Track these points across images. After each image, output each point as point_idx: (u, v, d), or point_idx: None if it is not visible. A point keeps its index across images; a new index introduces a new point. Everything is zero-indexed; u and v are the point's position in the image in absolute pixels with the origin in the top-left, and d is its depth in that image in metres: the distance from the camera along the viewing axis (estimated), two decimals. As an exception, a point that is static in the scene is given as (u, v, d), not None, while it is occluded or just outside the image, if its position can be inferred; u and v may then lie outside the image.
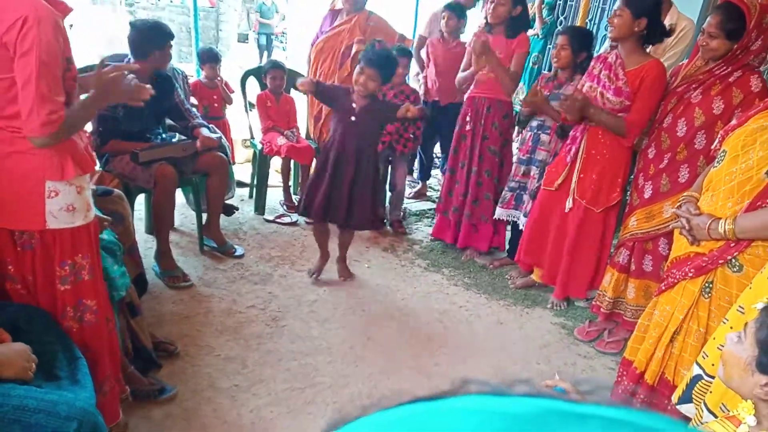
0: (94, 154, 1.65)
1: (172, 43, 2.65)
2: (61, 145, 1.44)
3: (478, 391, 0.27)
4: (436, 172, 4.57)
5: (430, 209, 4.00)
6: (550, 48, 4.87)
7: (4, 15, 1.31)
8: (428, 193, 4.33)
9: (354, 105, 2.57)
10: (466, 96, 3.19)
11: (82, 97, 1.56)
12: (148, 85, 1.66)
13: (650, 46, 2.43)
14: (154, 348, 2.14)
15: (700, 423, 1.41)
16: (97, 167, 2.54)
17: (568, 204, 2.57)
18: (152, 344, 2.14)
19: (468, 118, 3.13)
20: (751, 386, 1.07)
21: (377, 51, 2.52)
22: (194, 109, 3.10)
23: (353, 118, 2.56)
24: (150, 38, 2.53)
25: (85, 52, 1.50)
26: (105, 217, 1.88)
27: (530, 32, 4.35)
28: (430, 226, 3.63)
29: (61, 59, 1.40)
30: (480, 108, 3.07)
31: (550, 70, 3.92)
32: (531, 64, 4.99)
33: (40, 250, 1.49)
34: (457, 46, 3.66)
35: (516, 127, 3.28)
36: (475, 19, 3.99)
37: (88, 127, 1.88)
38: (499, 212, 3.10)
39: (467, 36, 3.47)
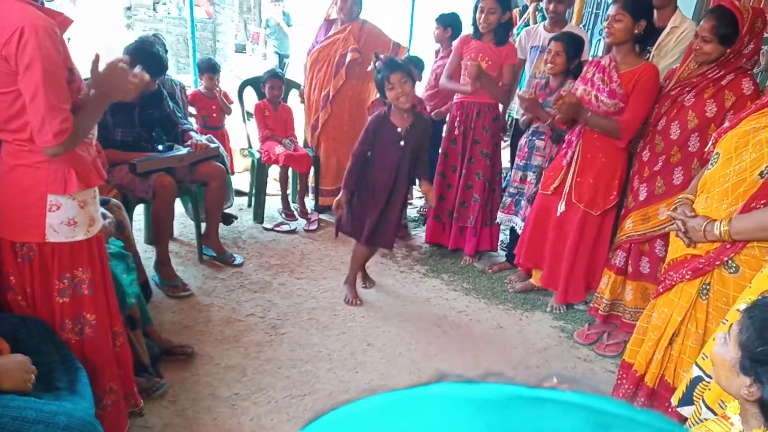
0: (101, 168, 1.60)
1: (166, 52, 2.66)
2: (65, 159, 1.44)
3: (450, 381, 0.28)
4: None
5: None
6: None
7: (1, 28, 1.31)
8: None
9: (399, 129, 2.52)
10: (454, 101, 3.22)
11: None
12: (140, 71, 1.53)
13: (652, 48, 2.44)
14: (170, 352, 2.17)
15: (699, 419, 1.41)
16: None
17: (560, 207, 2.58)
18: (169, 349, 2.17)
19: (457, 123, 3.16)
20: (737, 387, 1.08)
21: (394, 58, 2.52)
22: (191, 119, 3.11)
23: (402, 143, 2.51)
24: (135, 58, 2.39)
25: (83, 64, 1.50)
26: (105, 224, 1.87)
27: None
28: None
29: (64, 68, 1.39)
30: (470, 113, 3.11)
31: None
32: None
33: (38, 262, 1.50)
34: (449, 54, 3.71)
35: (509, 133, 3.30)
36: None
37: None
38: (500, 217, 3.14)
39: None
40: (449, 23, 3.66)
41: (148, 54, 2.54)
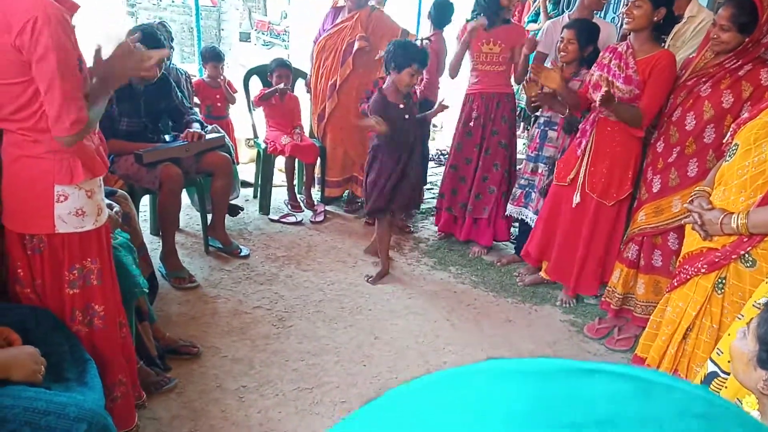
0: (105, 156, 1.60)
1: (174, 45, 2.62)
2: (70, 148, 1.42)
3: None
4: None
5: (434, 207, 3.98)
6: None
7: (14, 18, 1.28)
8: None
9: (401, 106, 2.70)
10: (468, 91, 3.17)
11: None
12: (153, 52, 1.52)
13: (669, 38, 2.38)
14: (175, 351, 2.15)
15: None
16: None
17: (576, 199, 2.54)
18: (174, 348, 2.16)
19: (475, 114, 3.11)
20: (754, 381, 1.07)
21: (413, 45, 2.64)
22: (195, 109, 3.06)
23: (407, 116, 2.72)
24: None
25: (86, 53, 1.49)
26: (113, 214, 1.85)
27: (535, 26, 4.31)
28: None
29: (76, 57, 1.38)
30: (489, 103, 3.07)
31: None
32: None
33: (48, 254, 1.48)
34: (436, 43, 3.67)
35: (522, 123, 3.26)
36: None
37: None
38: (510, 209, 3.10)
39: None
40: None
41: (147, 34, 2.51)
